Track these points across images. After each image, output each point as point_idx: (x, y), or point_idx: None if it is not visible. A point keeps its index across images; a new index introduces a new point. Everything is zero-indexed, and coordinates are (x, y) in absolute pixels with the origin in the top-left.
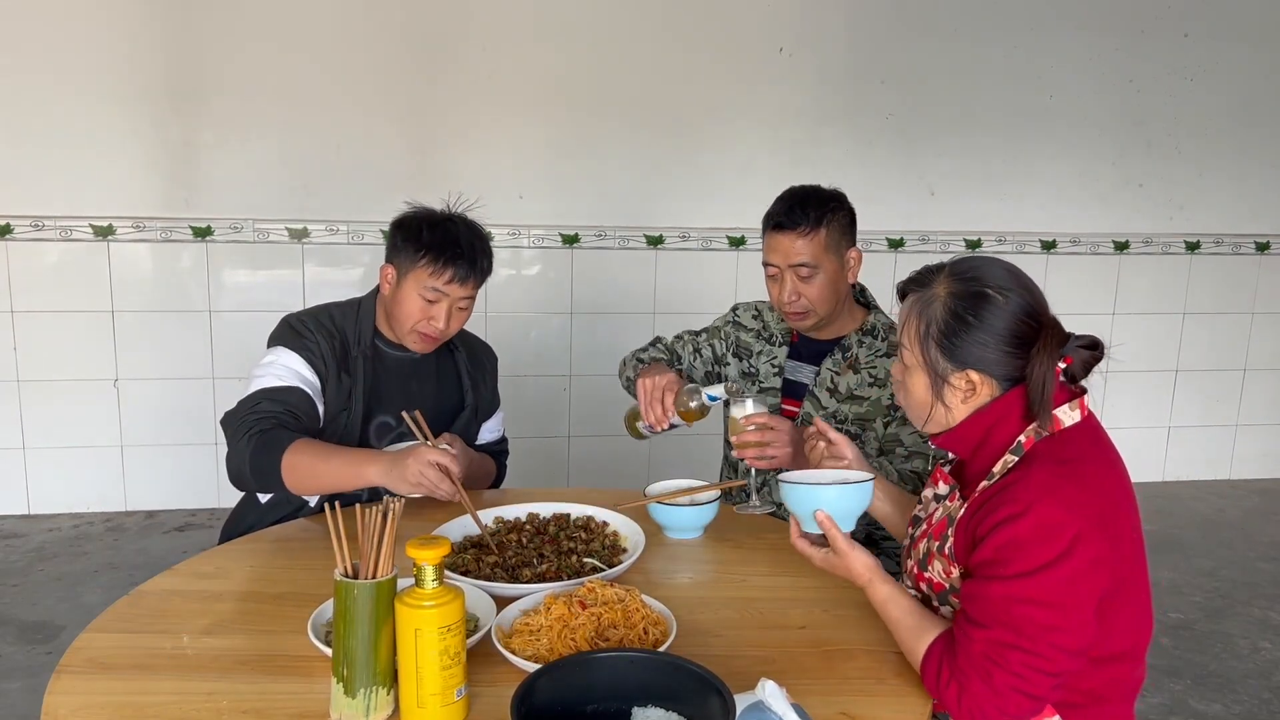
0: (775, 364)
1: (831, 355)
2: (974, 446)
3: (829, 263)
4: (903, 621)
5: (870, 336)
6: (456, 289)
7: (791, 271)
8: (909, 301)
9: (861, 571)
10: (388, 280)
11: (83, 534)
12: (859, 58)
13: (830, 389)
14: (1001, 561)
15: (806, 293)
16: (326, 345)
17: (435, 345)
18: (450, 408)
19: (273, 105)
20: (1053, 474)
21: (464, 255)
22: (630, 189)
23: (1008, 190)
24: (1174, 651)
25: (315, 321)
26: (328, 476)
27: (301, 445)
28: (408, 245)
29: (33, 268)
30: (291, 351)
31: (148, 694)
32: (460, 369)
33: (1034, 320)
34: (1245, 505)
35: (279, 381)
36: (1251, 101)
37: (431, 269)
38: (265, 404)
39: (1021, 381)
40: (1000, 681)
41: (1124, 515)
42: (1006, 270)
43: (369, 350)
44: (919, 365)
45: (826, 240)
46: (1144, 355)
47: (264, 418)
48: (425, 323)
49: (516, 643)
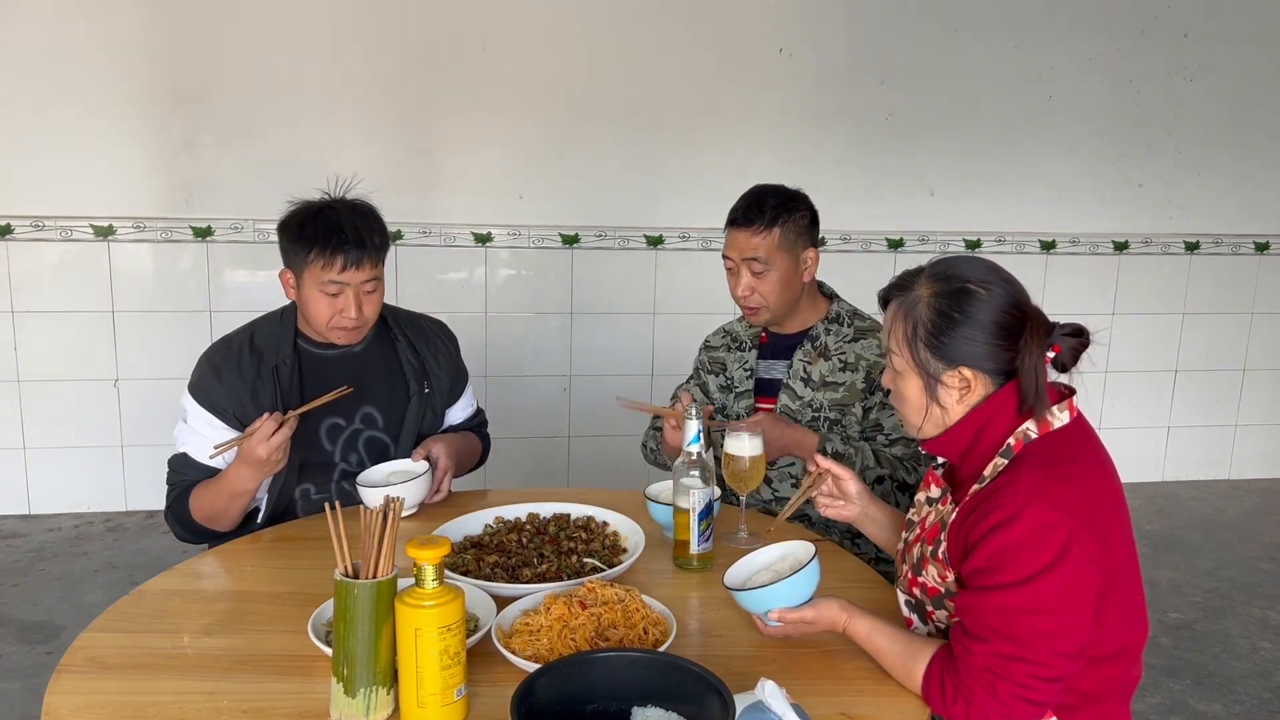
0: (746, 367)
1: (801, 346)
2: (965, 449)
3: (782, 260)
4: (890, 649)
5: (836, 324)
6: (354, 274)
7: (745, 266)
8: (892, 307)
9: (837, 617)
10: (289, 286)
11: (83, 534)
12: (859, 58)
13: (804, 378)
14: (995, 569)
15: (759, 288)
16: (234, 379)
17: (361, 334)
18: (401, 398)
19: (273, 105)
20: (1042, 476)
21: (349, 239)
22: (630, 189)
23: (1007, 190)
24: (1174, 651)
25: (225, 351)
26: (223, 505)
27: (194, 497)
28: (294, 245)
29: (33, 268)
30: (195, 404)
31: (148, 694)
32: (402, 359)
33: (1018, 311)
34: (1245, 505)
35: (177, 448)
36: (1251, 102)
37: (322, 262)
38: (171, 475)
39: (1012, 375)
40: (1005, 693)
41: (1113, 514)
42: (985, 265)
43: (289, 358)
44: (910, 368)
45: (781, 239)
46: (1143, 355)
47: (171, 490)
48: (337, 317)
49: (516, 643)
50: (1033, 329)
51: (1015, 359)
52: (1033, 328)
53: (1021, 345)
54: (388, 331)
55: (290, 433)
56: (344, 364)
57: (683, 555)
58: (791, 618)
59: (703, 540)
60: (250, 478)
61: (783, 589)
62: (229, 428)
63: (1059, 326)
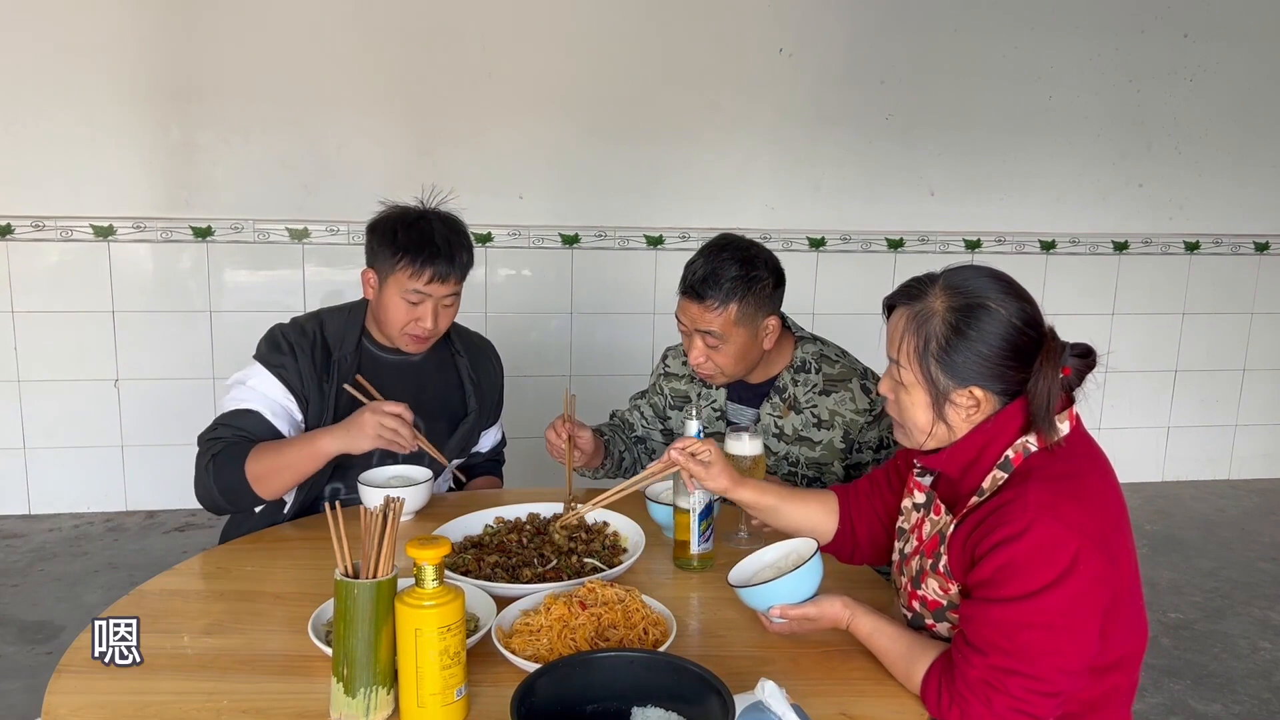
0: (715, 407)
1: (769, 399)
2: (966, 465)
3: (738, 334)
4: (892, 649)
5: (803, 372)
6: (438, 288)
7: (699, 336)
8: (901, 316)
9: (840, 614)
10: (370, 285)
11: (83, 534)
12: (859, 58)
13: (776, 433)
14: (999, 582)
15: (714, 358)
16: (307, 361)
17: (428, 344)
18: (453, 413)
19: (273, 105)
20: (1051, 491)
21: (441, 253)
22: (630, 189)
23: (1007, 190)
24: (1174, 651)
25: (300, 333)
26: (288, 466)
27: (257, 453)
28: (384, 249)
29: (33, 268)
30: (264, 370)
31: (148, 694)
32: (463, 375)
33: (1035, 330)
34: (1245, 505)
35: (238, 405)
36: (1251, 102)
37: (410, 270)
38: (221, 429)
39: (1019, 394)
40: (1000, 705)
41: (1122, 531)
42: (1003, 280)
43: (351, 355)
44: (918, 384)
45: (738, 314)
46: (1143, 355)
47: (215, 441)
48: (413, 324)
49: (516, 643)
50: (1048, 351)
51: (1026, 380)
52: (1049, 350)
53: (1036, 368)
54: (448, 345)
55: (406, 430)
56: (401, 370)
57: (683, 555)
58: (794, 614)
59: (703, 540)
60: (336, 443)
61: (784, 585)
62: (293, 400)
63: (1069, 348)
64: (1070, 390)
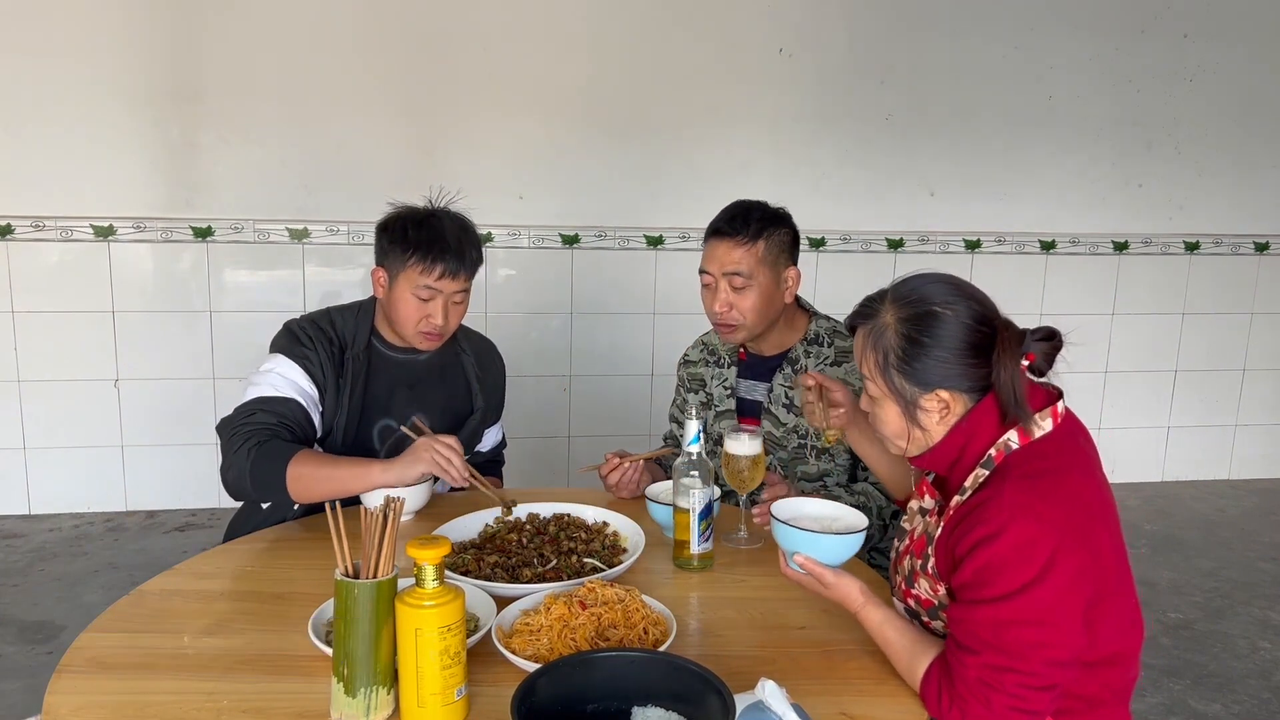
0: (726, 385)
1: (781, 370)
2: (951, 462)
3: (764, 276)
4: (898, 642)
5: (815, 345)
6: (449, 284)
7: (725, 280)
8: (860, 335)
9: (855, 597)
10: (380, 284)
11: (83, 534)
12: (858, 59)
13: (786, 404)
14: (982, 584)
15: (738, 304)
16: (325, 353)
17: (440, 341)
18: (459, 411)
19: (273, 105)
20: (1025, 490)
21: (451, 249)
22: (630, 189)
23: (1007, 190)
24: (1174, 651)
25: (316, 328)
26: (334, 479)
27: (304, 456)
28: (395, 246)
29: (33, 268)
30: (290, 360)
31: (148, 694)
32: (469, 373)
33: (987, 326)
34: (1245, 505)
35: (274, 391)
36: (1251, 102)
37: (421, 267)
38: (260, 414)
39: (989, 389)
40: (999, 703)
41: (1102, 522)
42: (948, 283)
43: (362, 353)
44: (886, 396)
45: (764, 253)
46: (1143, 355)
47: (259, 429)
48: (424, 321)
49: (516, 643)
50: (1003, 343)
51: (990, 374)
52: (1003, 341)
53: (995, 360)
54: (455, 344)
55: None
56: (408, 368)
57: (683, 555)
58: (814, 569)
59: (703, 540)
60: (387, 477)
61: (825, 542)
62: (316, 391)
63: (1030, 333)
64: (1040, 374)
